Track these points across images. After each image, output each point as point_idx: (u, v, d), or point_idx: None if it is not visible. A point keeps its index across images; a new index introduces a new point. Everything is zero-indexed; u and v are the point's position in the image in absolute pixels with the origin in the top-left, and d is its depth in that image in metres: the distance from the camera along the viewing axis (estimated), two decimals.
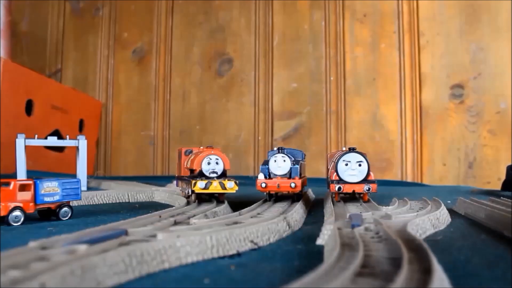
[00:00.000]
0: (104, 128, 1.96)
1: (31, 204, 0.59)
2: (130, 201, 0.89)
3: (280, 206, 0.65)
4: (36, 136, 0.99)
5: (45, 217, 0.62)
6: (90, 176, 1.35)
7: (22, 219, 0.58)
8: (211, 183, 0.67)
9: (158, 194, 0.91)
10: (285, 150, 0.71)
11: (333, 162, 0.71)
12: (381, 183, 1.16)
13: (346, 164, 0.66)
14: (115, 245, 0.35)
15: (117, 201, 0.87)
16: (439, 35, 1.63)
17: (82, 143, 1.05)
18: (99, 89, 1.98)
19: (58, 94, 1.60)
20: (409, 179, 1.61)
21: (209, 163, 0.69)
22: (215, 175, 0.69)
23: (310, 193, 0.91)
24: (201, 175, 0.68)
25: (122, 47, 1.98)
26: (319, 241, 0.44)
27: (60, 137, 1.30)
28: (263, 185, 0.67)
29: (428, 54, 1.63)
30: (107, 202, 0.86)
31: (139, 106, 1.93)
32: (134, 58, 1.96)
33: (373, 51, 1.69)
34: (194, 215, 0.54)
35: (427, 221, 0.52)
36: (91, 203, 0.83)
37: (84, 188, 1.02)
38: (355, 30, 1.71)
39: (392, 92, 1.66)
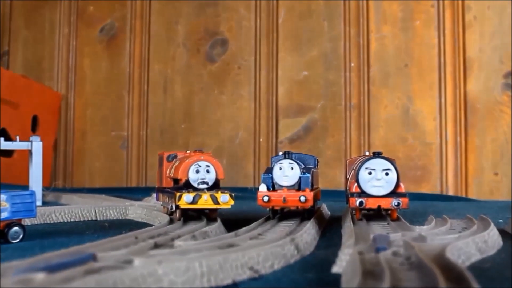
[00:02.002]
0: (64, 126, 1.96)
1: None
2: (98, 218, 0.89)
3: (286, 225, 0.65)
4: None
5: None
6: (46, 188, 1.35)
7: None
8: (200, 196, 0.68)
9: (133, 210, 0.92)
10: (293, 155, 0.71)
11: (353, 170, 0.71)
12: (415, 196, 1.17)
13: (370, 173, 0.66)
14: (81, 273, 0.35)
15: (82, 219, 0.88)
16: (490, 9, 1.63)
17: (36, 145, 1.05)
18: (58, 78, 1.98)
19: (4, 84, 1.61)
20: (451, 192, 1.62)
21: (197, 171, 0.69)
22: (205, 186, 0.69)
23: (325, 209, 0.91)
24: (187, 186, 0.69)
25: (87, 25, 1.98)
26: (336, 269, 0.45)
27: (8, 138, 1.31)
28: (266, 198, 0.68)
29: (476, 33, 1.64)
30: (69, 220, 0.86)
31: (108, 99, 1.94)
32: (103, 38, 1.97)
33: (405, 30, 1.70)
34: (179, 236, 0.55)
35: (471, 244, 0.52)
36: (49, 222, 0.84)
37: (39, 202, 1.02)
38: (383, 4, 1.72)
39: (430, 81, 1.67)
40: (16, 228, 0.63)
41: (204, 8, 1.87)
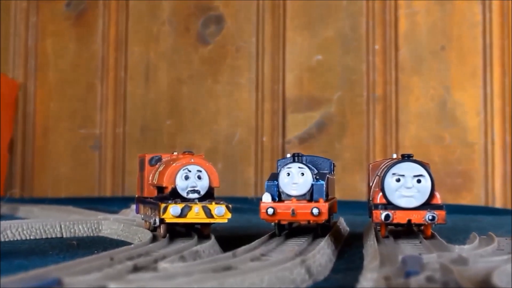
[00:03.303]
0: (22, 122, 1.97)
1: None
2: (64, 235, 0.89)
3: (295, 244, 0.66)
4: None
5: None
6: (0, 198, 1.36)
7: None
8: (190, 208, 0.68)
9: (107, 225, 0.92)
10: (304, 158, 0.71)
11: (377, 177, 0.71)
12: (453, 209, 1.17)
13: (398, 180, 0.66)
14: None
15: (44, 236, 0.88)
16: None
17: None
18: (14, 62, 1.99)
19: None
20: (498, 204, 1.61)
21: (187, 178, 0.69)
22: (196, 195, 0.69)
23: (342, 223, 0.91)
24: (175, 195, 0.69)
25: None
26: None
27: None
28: (270, 211, 0.68)
29: None
30: (28, 237, 0.86)
31: (77, 89, 1.94)
32: (70, 14, 1.97)
33: (442, 4, 1.70)
34: (164, 257, 0.55)
35: None
36: (3, 239, 0.84)
37: None
38: None
39: (472, 68, 1.67)
40: None
41: None
